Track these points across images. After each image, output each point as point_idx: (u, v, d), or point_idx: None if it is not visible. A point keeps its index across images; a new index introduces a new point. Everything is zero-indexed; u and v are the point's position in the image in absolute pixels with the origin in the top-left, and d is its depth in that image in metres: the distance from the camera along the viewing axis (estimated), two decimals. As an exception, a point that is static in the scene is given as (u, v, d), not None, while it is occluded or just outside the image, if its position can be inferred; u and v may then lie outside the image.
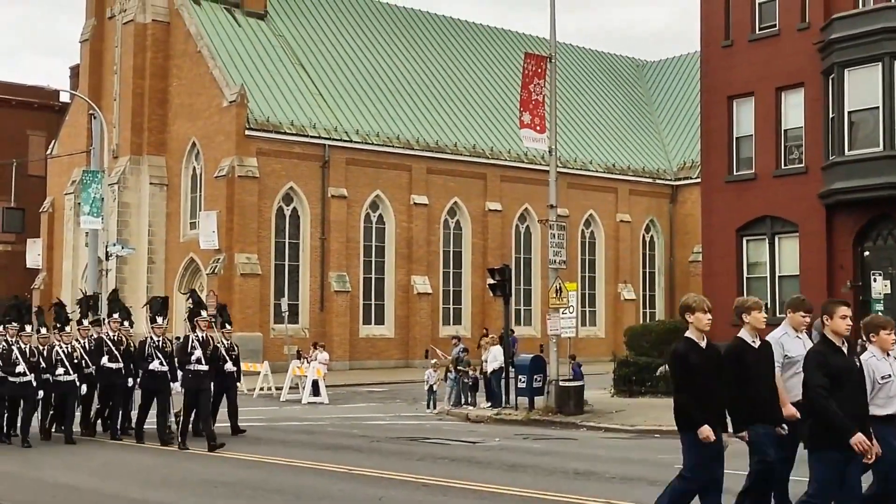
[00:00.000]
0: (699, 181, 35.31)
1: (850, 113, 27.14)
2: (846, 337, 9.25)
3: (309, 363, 31.36)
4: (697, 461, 9.19)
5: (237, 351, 21.51)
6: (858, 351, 9.63)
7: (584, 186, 55.67)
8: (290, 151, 46.43)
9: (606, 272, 57.16)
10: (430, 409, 27.61)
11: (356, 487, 13.73)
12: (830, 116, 27.59)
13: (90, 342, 20.64)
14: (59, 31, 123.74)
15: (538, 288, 52.79)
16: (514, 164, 52.93)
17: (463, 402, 27.70)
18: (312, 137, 46.95)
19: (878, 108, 26.55)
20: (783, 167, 29.35)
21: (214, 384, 19.81)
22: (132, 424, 20.57)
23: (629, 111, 64.78)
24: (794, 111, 29.21)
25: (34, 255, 53.77)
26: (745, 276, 29.96)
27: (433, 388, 28.27)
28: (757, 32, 30.08)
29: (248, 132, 45.18)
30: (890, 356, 9.59)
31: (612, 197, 57.51)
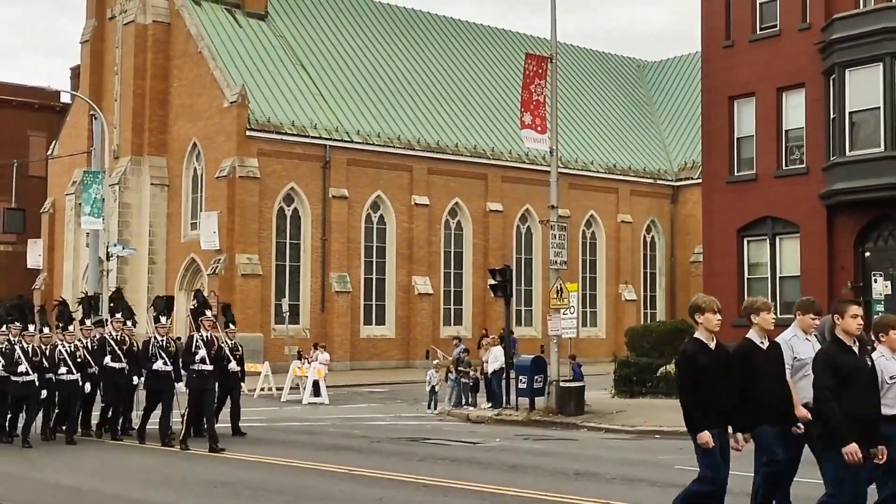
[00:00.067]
0: (700, 182, 35.28)
1: (851, 113, 27.12)
2: (859, 336, 9.21)
3: (310, 363, 31.37)
4: (712, 460, 9.14)
5: (241, 351, 21.43)
6: (869, 350, 9.57)
7: (585, 187, 55.68)
8: (290, 152, 46.43)
9: (607, 273, 57.14)
10: (431, 409, 27.61)
11: (357, 488, 13.72)
12: (831, 117, 27.58)
13: (93, 342, 20.59)
14: (58, 31, 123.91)
15: (539, 288, 52.77)
16: (515, 164, 52.93)
17: (463, 402, 27.69)
18: (313, 138, 46.95)
19: (878, 108, 26.52)
20: (784, 168, 29.33)
21: (219, 385, 19.81)
22: (132, 425, 20.58)
23: (630, 111, 64.77)
24: (794, 111, 29.19)
25: (35, 255, 53.79)
26: (745, 276, 29.94)
27: (435, 388, 28.27)
28: (758, 33, 30.06)
29: (248, 133, 45.18)
30: None
31: (612, 197, 57.50)
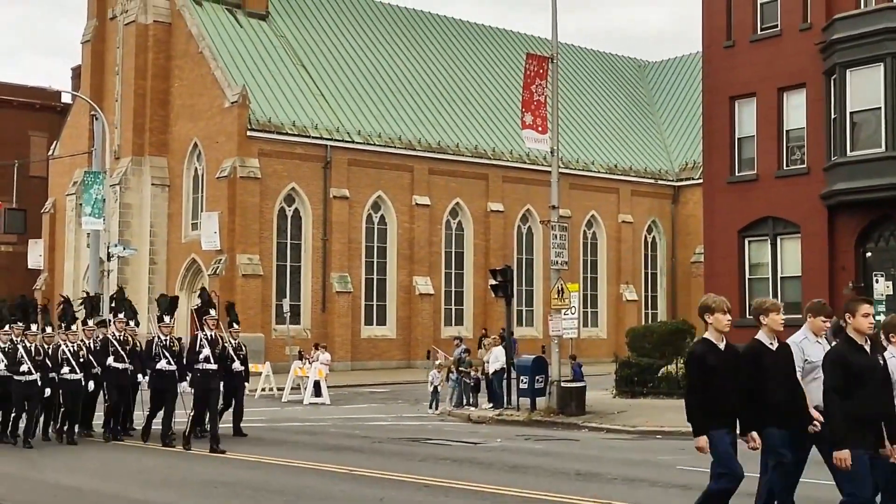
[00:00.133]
0: (701, 182, 35.30)
1: (851, 113, 27.12)
2: (870, 335, 9.16)
3: (311, 364, 31.36)
4: (722, 455, 9.10)
5: (245, 350, 21.35)
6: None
7: (585, 187, 55.68)
8: (291, 152, 46.43)
9: (608, 273, 57.13)
10: (432, 409, 27.60)
11: (358, 488, 13.71)
12: (832, 117, 27.57)
13: (95, 342, 20.52)
14: (59, 31, 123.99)
15: (540, 289, 52.77)
16: (515, 164, 52.92)
17: (465, 402, 27.68)
18: (314, 138, 46.95)
19: (879, 108, 26.52)
20: (785, 168, 29.32)
21: (224, 385, 19.79)
22: (133, 426, 20.54)
23: (631, 112, 64.76)
24: (795, 112, 29.18)
25: (36, 255, 53.79)
26: (746, 277, 29.93)
27: (437, 388, 28.26)
28: (759, 33, 30.05)
29: (249, 133, 45.18)
30: None
31: (613, 198, 57.49)
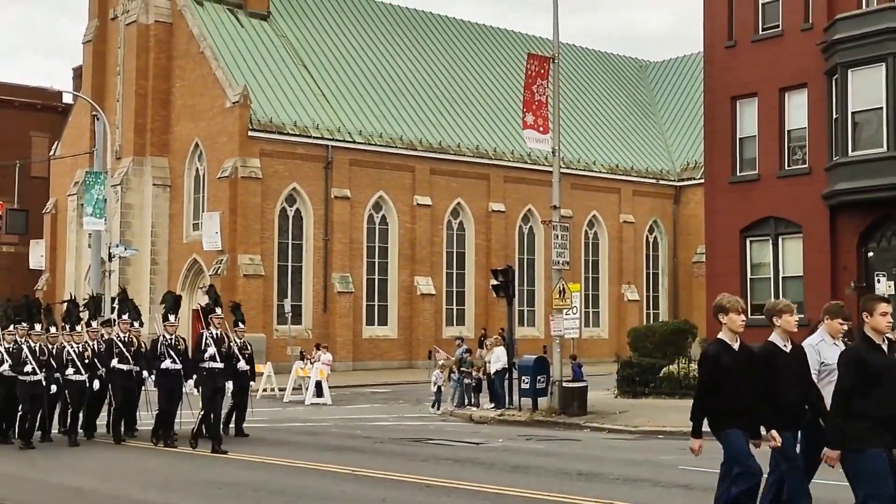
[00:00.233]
0: (703, 182, 35.26)
1: (853, 113, 27.09)
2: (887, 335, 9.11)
3: (312, 364, 31.37)
4: (737, 453, 9.06)
5: (250, 350, 21.32)
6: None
7: (587, 187, 55.67)
8: (293, 152, 46.43)
9: (610, 273, 57.11)
10: (435, 409, 27.59)
11: (359, 488, 13.70)
12: (834, 117, 27.54)
13: (99, 343, 20.43)
14: (59, 31, 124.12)
15: (541, 289, 52.79)
16: (517, 164, 52.92)
17: (466, 403, 27.68)
18: (315, 138, 46.95)
19: (881, 108, 26.48)
20: (787, 168, 29.29)
21: (234, 384, 19.76)
22: (137, 426, 20.51)
23: (632, 112, 64.74)
24: (797, 112, 29.15)
25: (37, 256, 53.81)
26: (748, 277, 29.90)
27: (441, 388, 28.25)
28: (760, 33, 30.02)
29: (251, 133, 45.18)
30: None
31: (615, 198, 57.48)
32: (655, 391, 28.16)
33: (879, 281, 25.80)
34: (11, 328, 20.15)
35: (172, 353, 19.34)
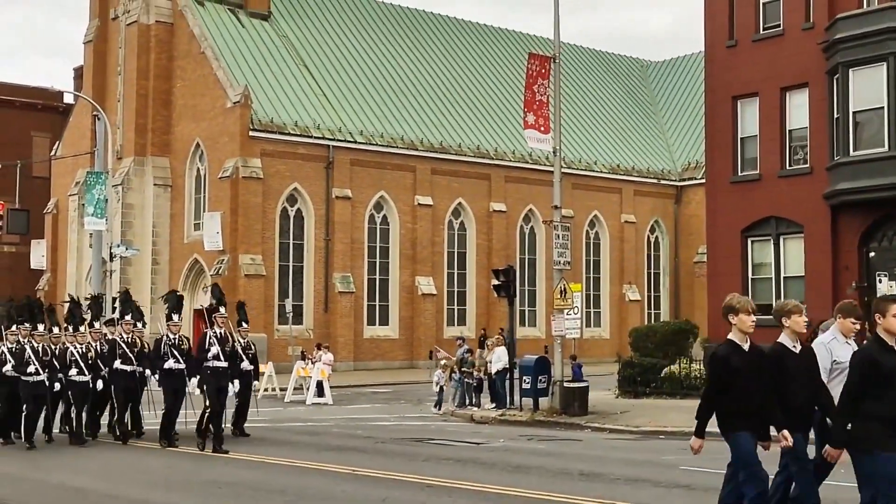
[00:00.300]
0: (704, 182, 35.26)
1: (854, 113, 27.07)
2: None
3: (313, 364, 31.36)
4: (746, 458, 9.02)
5: (254, 350, 21.28)
6: None
7: (588, 187, 55.66)
8: (294, 152, 46.43)
9: (611, 273, 57.10)
10: (437, 409, 27.58)
11: (360, 488, 13.69)
12: (835, 117, 27.52)
13: (102, 344, 20.34)
14: (59, 31, 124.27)
15: (543, 289, 52.78)
16: (518, 164, 52.90)
17: (467, 403, 27.67)
18: (316, 138, 46.95)
19: (882, 108, 26.46)
20: (788, 168, 29.28)
21: (240, 384, 19.74)
22: (143, 427, 20.46)
23: (633, 112, 64.73)
24: (798, 111, 29.13)
25: (38, 256, 53.84)
26: (749, 276, 29.88)
27: (443, 388, 28.24)
28: (761, 32, 30.00)
29: (252, 133, 45.19)
30: None
31: (616, 198, 57.47)
32: (657, 391, 28.15)
33: (881, 281, 25.78)
34: (14, 328, 20.13)
35: (176, 352, 19.29)
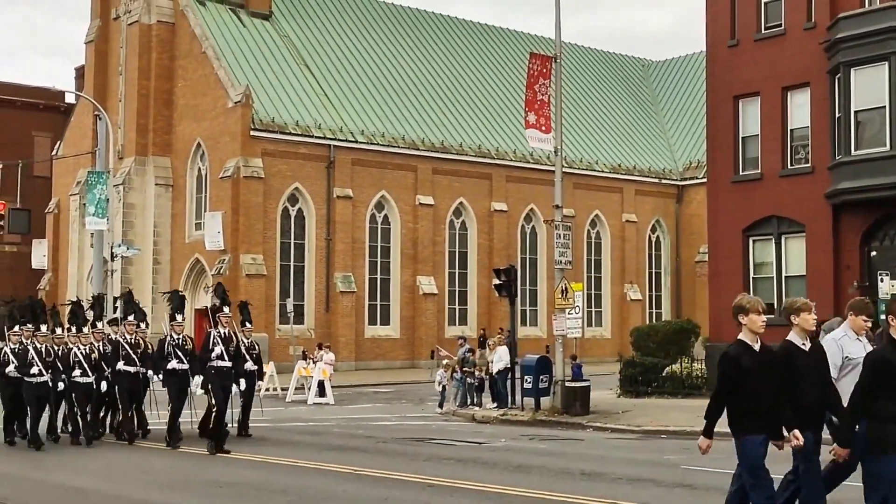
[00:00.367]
0: (705, 181, 35.22)
1: (856, 112, 27.03)
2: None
3: (314, 364, 31.35)
4: (753, 463, 8.96)
5: (258, 350, 21.22)
6: None
7: (589, 186, 55.64)
8: (295, 152, 46.43)
9: (612, 272, 57.09)
10: (441, 408, 27.57)
11: (361, 488, 13.69)
12: (837, 116, 27.49)
13: (105, 344, 20.29)
14: (59, 31, 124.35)
15: (544, 288, 52.77)
16: (519, 164, 52.90)
17: (469, 402, 27.66)
18: (317, 138, 46.95)
19: (884, 107, 26.41)
20: (789, 167, 29.24)
21: (246, 383, 19.73)
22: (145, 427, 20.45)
23: (635, 111, 64.71)
24: (800, 111, 29.09)
25: (40, 255, 53.86)
26: (751, 276, 29.83)
27: (445, 387, 28.24)
28: (763, 32, 29.97)
29: (253, 133, 45.19)
30: None
31: (617, 197, 57.45)
32: (658, 391, 28.15)
33: (882, 280, 25.73)
34: (17, 329, 20.09)
35: (179, 352, 19.26)
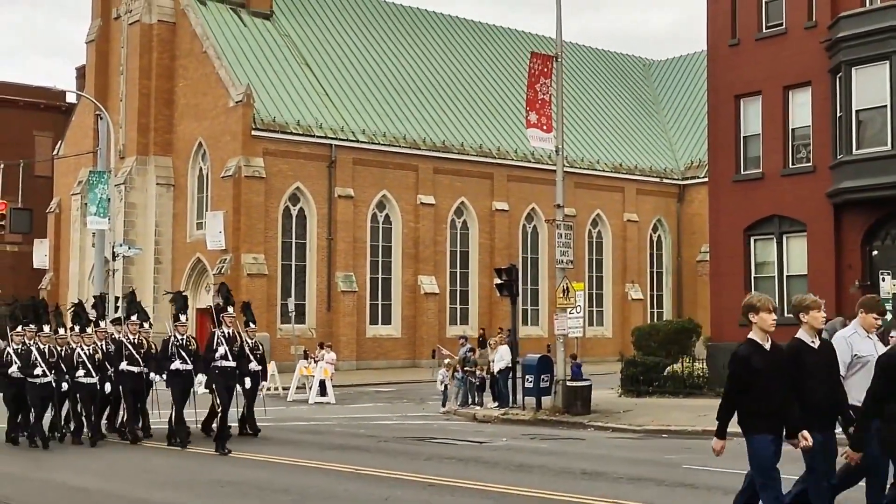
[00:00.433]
0: (706, 180, 35.23)
1: (857, 112, 27.01)
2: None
3: (316, 363, 31.37)
4: (762, 464, 8.92)
5: (262, 350, 21.21)
6: None
7: (591, 186, 55.63)
8: (296, 151, 46.44)
9: (613, 272, 57.08)
10: (444, 407, 27.58)
11: (362, 487, 13.70)
12: (838, 115, 27.47)
13: (108, 344, 20.25)
14: (59, 31, 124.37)
15: (545, 288, 52.77)
16: (520, 163, 52.89)
17: (470, 401, 27.67)
18: (319, 137, 46.95)
19: (886, 106, 26.40)
20: (791, 166, 29.23)
21: (251, 383, 19.73)
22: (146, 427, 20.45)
23: (636, 110, 64.70)
24: (801, 110, 29.08)
25: (41, 255, 53.86)
26: (752, 275, 29.82)
27: (447, 386, 28.24)
28: (764, 31, 29.96)
29: (254, 132, 45.20)
30: None
31: (619, 196, 57.44)
32: (659, 390, 28.15)
33: (884, 279, 25.72)
34: (20, 329, 20.07)
35: (183, 353, 19.24)
